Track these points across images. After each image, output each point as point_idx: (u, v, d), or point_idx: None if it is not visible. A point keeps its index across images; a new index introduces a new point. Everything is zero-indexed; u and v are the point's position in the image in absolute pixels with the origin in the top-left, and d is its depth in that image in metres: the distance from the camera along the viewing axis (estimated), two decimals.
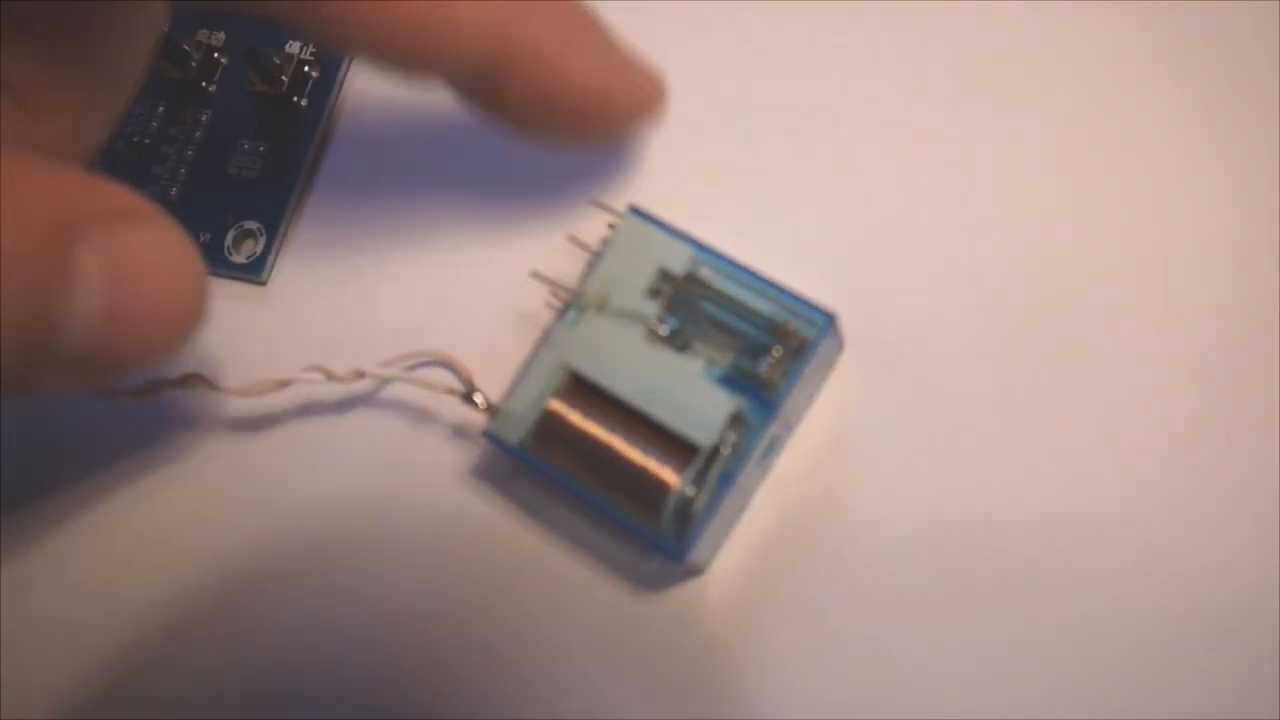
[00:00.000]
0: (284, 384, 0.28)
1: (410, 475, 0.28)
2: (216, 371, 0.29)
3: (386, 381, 0.28)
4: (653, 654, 0.26)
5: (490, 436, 0.26)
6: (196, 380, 0.28)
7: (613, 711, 0.25)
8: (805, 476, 0.26)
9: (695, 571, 0.26)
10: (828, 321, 0.25)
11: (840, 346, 0.26)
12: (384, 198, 0.31)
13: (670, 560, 0.25)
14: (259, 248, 0.31)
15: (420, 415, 0.29)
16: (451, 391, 0.27)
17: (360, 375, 0.28)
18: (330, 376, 0.28)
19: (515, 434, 0.26)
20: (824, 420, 0.26)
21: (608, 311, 0.26)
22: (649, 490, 0.25)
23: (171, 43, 0.32)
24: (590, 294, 0.26)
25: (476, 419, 0.28)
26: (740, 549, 0.26)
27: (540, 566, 0.27)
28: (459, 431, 0.28)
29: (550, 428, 0.26)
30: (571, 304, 0.26)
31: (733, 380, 0.25)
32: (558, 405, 0.26)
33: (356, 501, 0.28)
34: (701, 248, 0.26)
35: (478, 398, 0.27)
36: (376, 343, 0.29)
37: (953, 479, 0.25)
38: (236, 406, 0.29)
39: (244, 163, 0.31)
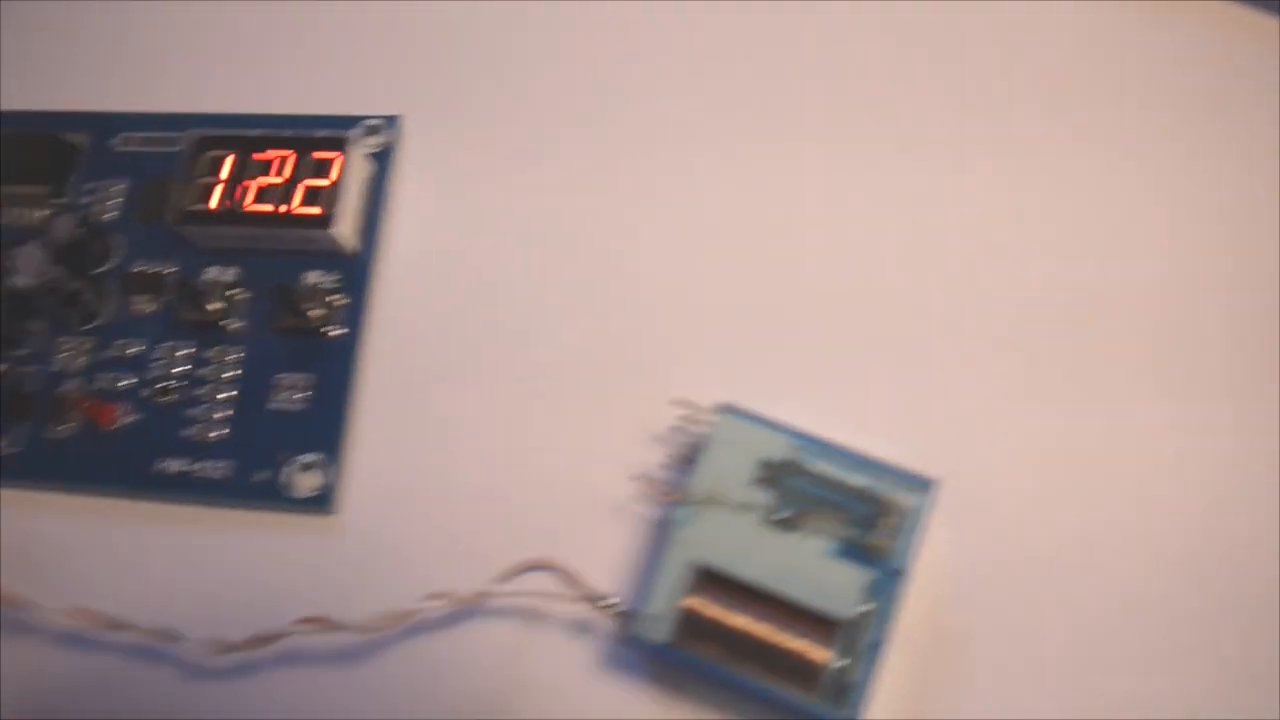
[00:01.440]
0: (409, 615, 0.28)
1: (536, 678, 0.29)
2: (302, 608, 0.29)
3: (486, 600, 0.29)
4: None
5: (636, 640, 0.27)
6: (316, 623, 0.28)
7: None
8: (925, 622, 0.28)
9: None
10: (928, 487, 0.27)
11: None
12: (435, 412, 0.32)
13: None
14: (323, 480, 0.31)
15: (532, 620, 0.29)
16: (587, 598, 0.28)
17: (482, 596, 0.28)
18: (455, 601, 0.28)
19: (660, 633, 0.27)
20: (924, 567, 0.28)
21: (720, 505, 0.28)
22: (801, 669, 0.26)
23: (187, 283, 0.32)
24: (699, 491, 0.28)
25: (592, 617, 0.29)
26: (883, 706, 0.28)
27: None
28: (579, 630, 0.29)
29: (691, 622, 0.27)
30: (685, 502, 0.28)
31: (852, 552, 0.27)
32: (694, 601, 0.27)
33: (490, 711, 0.29)
34: (798, 435, 0.28)
35: (614, 599, 0.28)
36: (460, 558, 0.30)
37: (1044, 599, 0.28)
38: (351, 642, 0.29)
39: (285, 396, 0.32)
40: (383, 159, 0.33)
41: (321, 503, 0.31)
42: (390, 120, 0.34)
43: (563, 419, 0.31)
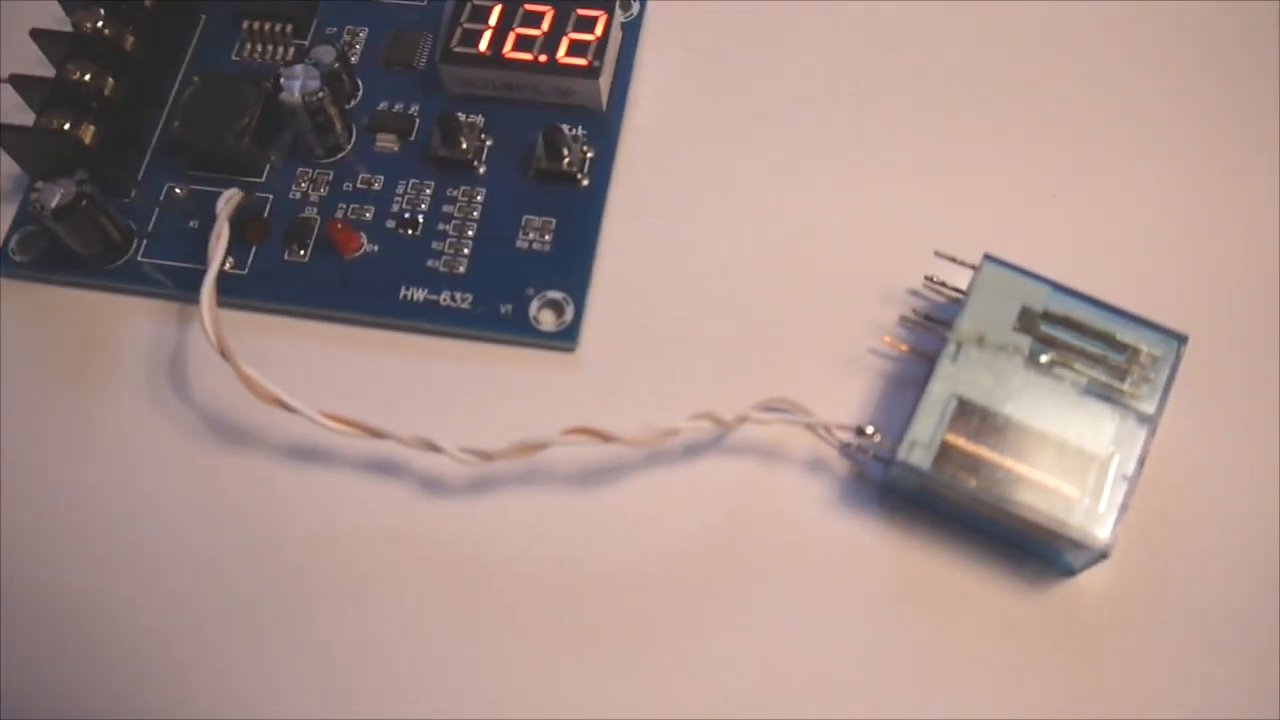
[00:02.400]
0: (674, 433, 0.29)
1: (777, 505, 0.30)
2: (546, 434, 0.30)
3: (742, 425, 0.30)
4: (1036, 651, 0.28)
5: (901, 465, 0.28)
6: (586, 433, 0.29)
7: (1013, 709, 0.28)
8: (1157, 484, 0.30)
9: (1071, 573, 0.29)
10: (1179, 343, 0.29)
11: None
12: (674, 262, 0.33)
13: (1070, 561, 0.28)
14: (568, 316, 0.32)
15: (771, 453, 0.31)
16: (839, 428, 0.29)
17: (743, 420, 0.30)
18: (717, 422, 0.29)
19: (924, 460, 0.28)
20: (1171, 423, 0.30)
21: (985, 347, 0.29)
22: (1054, 502, 0.28)
23: (445, 123, 0.33)
24: (965, 332, 0.29)
25: (828, 453, 0.30)
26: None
27: (924, 583, 0.29)
28: (814, 465, 0.30)
29: (950, 454, 0.28)
30: (951, 340, 0.29)
31: (1105, 397, 0.29)
32: (954, 435, 0.28)
33: (732, 531, 0.30)
34: (1057, 285, 0.30)
35: (869, 429, 0.29)
36: (693, 394, 0.31)
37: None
38: (619, 455, 0.30)
39: (532, 236, 0.33)
40: (631, 28, 0.35)
41: (566, 337, 0.32)
42: None
43: (802, 276, 0.32)
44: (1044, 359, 0.29)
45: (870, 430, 0.29)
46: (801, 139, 0.34)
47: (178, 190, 0.33)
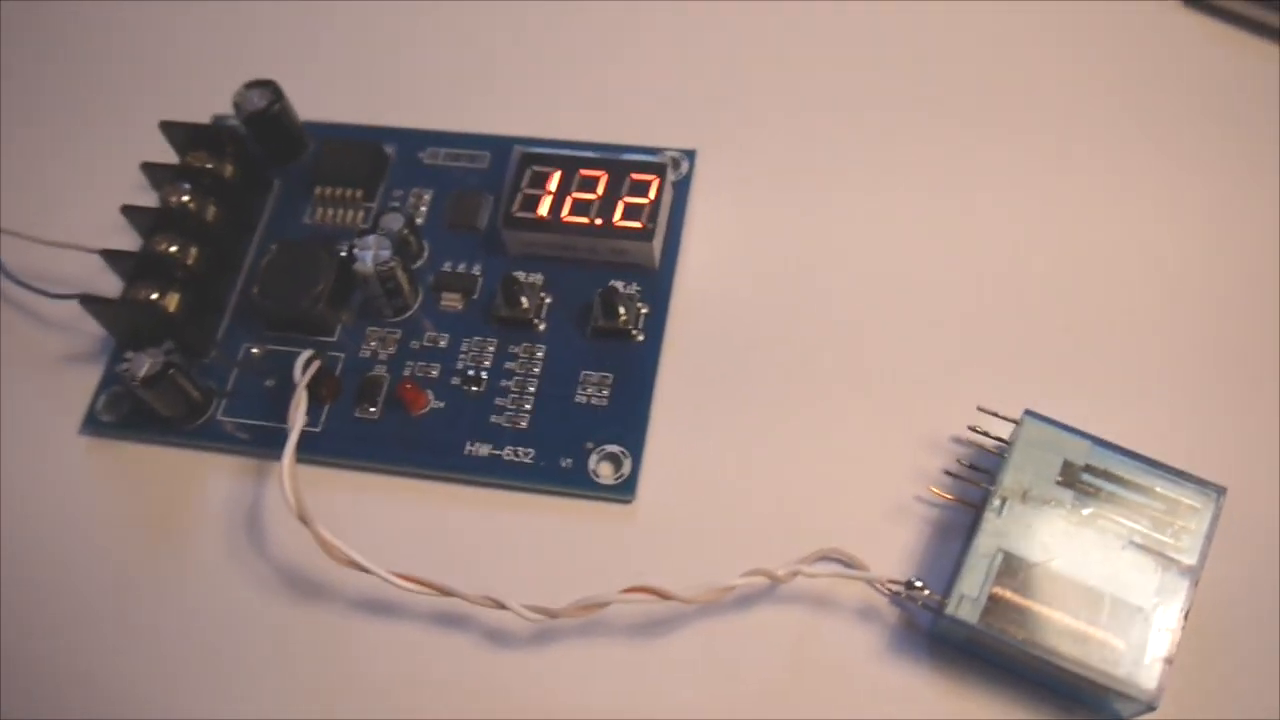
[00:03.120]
0: (729, 590, 0.30)
1: (830, 655, 0.31)
2: (603, 585, 0.31)
3: (784, 581, 0.31)
4: None
5: (950, 619, 0.29)
6: (646, 592, 0.30)
7: None
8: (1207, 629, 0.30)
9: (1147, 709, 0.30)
10: (1218, 494, 0.30)
11: None
12: (726, 414, 0.34)
13: (1121, 711, 0.29)
14: (626, 469, 0.33)
15: (822, 603, 0.32)
16: (890, 582, 0.31)
17: (794, 574, 0.31)
18: (771, 578, 0.31)
19: (973, 615, 0.29)
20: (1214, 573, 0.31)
21: (1028, 501, 0.30)
22: (1101, 654, 0.29)
23: (507, 284, 0.35)
24: (1009, 486, 0.30)
25: (878, 601, 0.31)
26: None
27: None
28: (865, 614, 0.32)
29: (999, 607, 0.29)
30: (996, 495, 0.30)
31: (1147, 548, 0.30)
32: (1001, 588, 0.30)
33: (788, 681, 0.31)
34: (1097, 440, 0.31)
35: (919, 584, 0.30)
36: (746, 544, 0.32)
37: None
38: (677, 611, 0.31)
39: (591, 391, 0.34)
40: (681, 187, 0.37)
41: (624, 490, 0.33)
42: (689, 154, 0.37)
43: (848, 425, 0.34)
44: (1086, 512, 0.30)
45: (919, 584, 0.30)
46: (848, 287, 0.36)
47: (254, 350, 0.35)
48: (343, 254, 0.35)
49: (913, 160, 0.37)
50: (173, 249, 0.35)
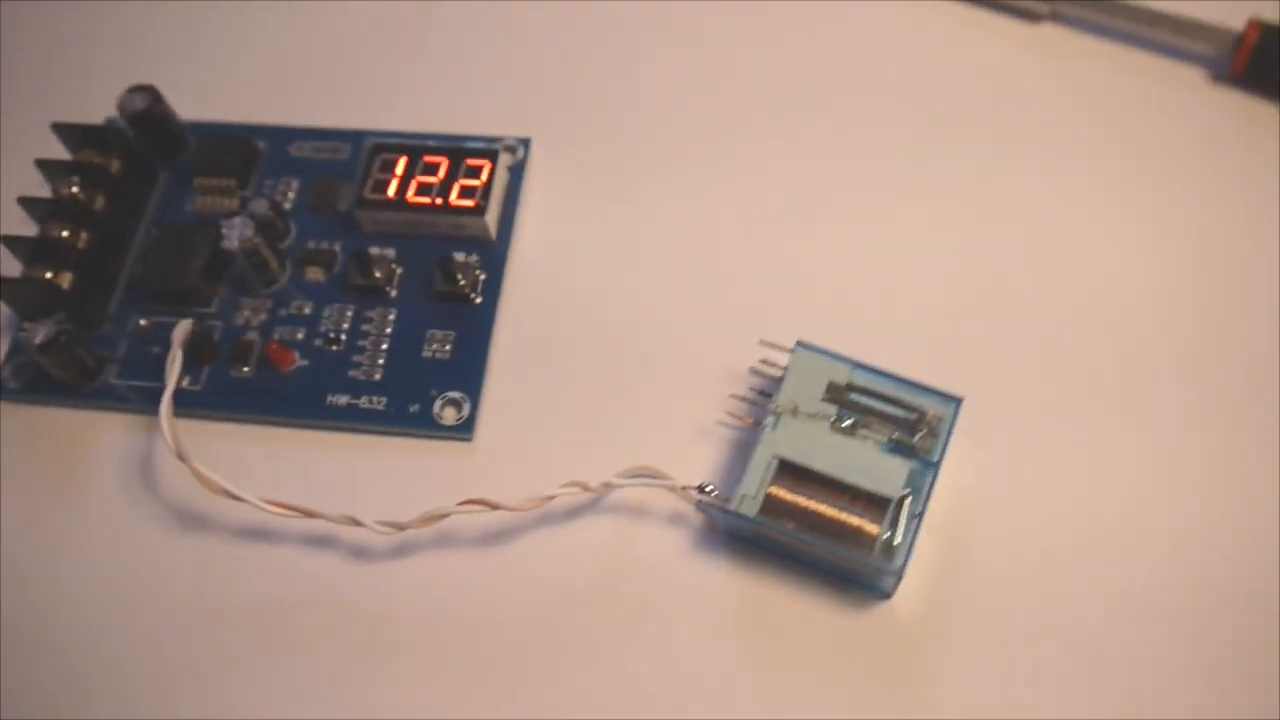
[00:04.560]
0: (549, 498, 0.36)
1: (643, 554, 0.36)
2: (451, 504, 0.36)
3: (610, 490, 0.37)
4: (862, 663, 0.35)
5: (732, 514, 0.35)
6: (478, 504, 0.35)
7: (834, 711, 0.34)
8: (949, 517, 0.36)
9: (887, 596, 0.36)
10: (957, 404, 0.36)
11: None
12: (555, 363, 0.40)
13: (883, 585, 0.35)
14: (465, 412, 0.39)
15: (638, 512, 0.37)
16: (686, 487, 0.36)
17: (608, 486, 0.36)
18: (585, 489, 0.36)
19: (752, 509, 0.35)
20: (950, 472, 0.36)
21: (798, 416, 0.36)
22: (858, 538, 0.34)
23: (359, 258, 0.40)
24: (783, 404, 0.36)
25: (685, 509, 0.37)
26: (912, 579, 0.36)
27: (767, 611, 0.36)
28: (674, 520, 0.37)
29: (773, 503, 0.35)
30: (771, 412, 0.36)
31: (898, 450, 0.36)
32: (776, 488, 0.35)
33: (607, 578, 0.36)
34: (857, 364, 0.37)
35: (709, 488, 0.36)
36: (570, 468, 0.37)
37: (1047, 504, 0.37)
38: (510, 522, 0.37)
39: (435, 347, 0.40)
40: (516, 171, 0.42)
41: (464, 430, 0.38)
42: (524, 141, 0.43)
43: (660, 367, 0.39)
44: (847, 423, 0.36)
45: (710, 488, 0.36)
46: (665, 255, 0.41)
47: (142, 322, 0.40)
48: (214, 234, 0.39)
49: (717, 154, 0.43)
50: (64, 233, 0.40)
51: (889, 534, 0.34)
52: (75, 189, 0.40)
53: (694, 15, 0.46)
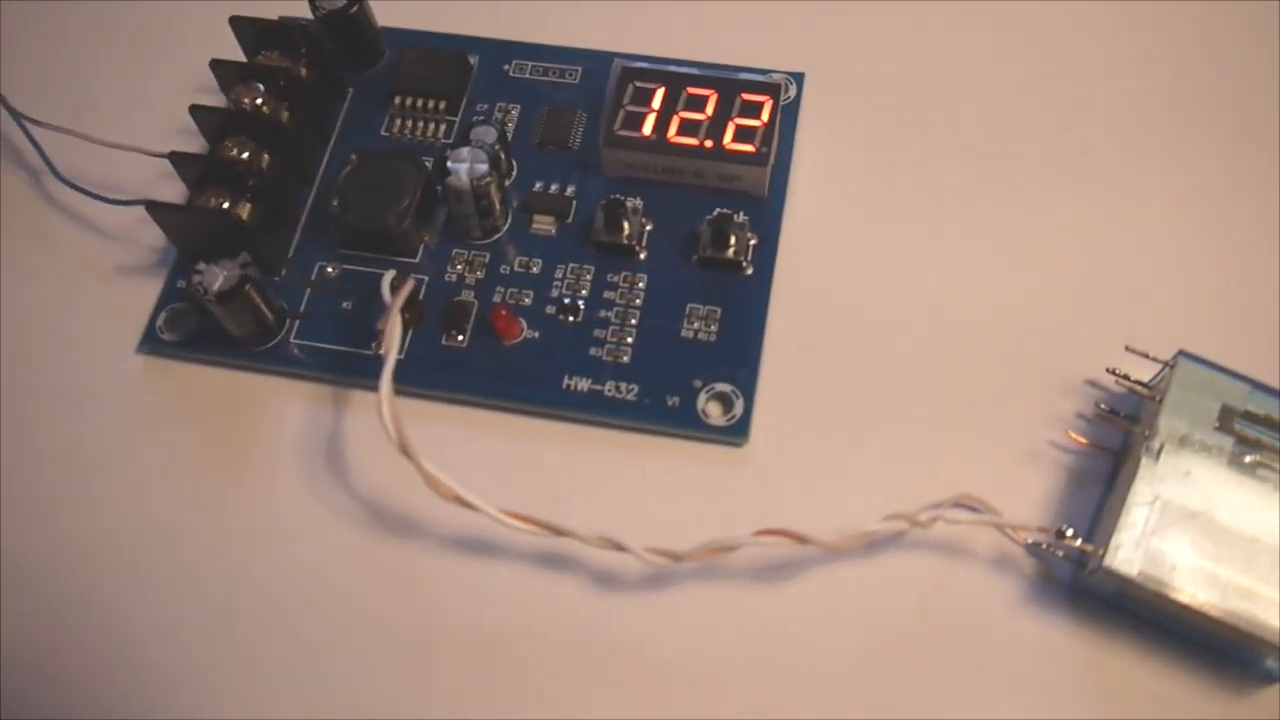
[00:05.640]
0: (868, 535, 0.28)
1: (963, 604, 0.29)
2: (718, 529, 0.29)
3: (925, 527, 0.29)
4: None
5: (1105, 570, 0.27)
6: (779, 535, 0.28)
7: None
8: None
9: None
10: None
11: None
12: (839, 351, 0.32)
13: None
14: (738, 410, 0.31)
15: (954, 550, 0.30)
16: (1042, 530, 0.29)
17: (935, 520, 0.29)
18: (912, 523, 0.28)
19: (1131, 568, 0.27)
20: None
21: (1186, 447, 0.28)
22: (1260, 605, 0.27)
23: (611, 208, 0.32)
24: (1166, 431, 0.29)
25: (1010, 548, 0.29)
26: None
27: (1122, 688, 0.28)
28: (999, 563, 0.30)
29: (1160, 560, 0.28)
30: (1153, 440, 0.28)
31: None
32: (1163, 540, 0.28)
33: (919, 629, 0.29)
34: (1256, 385, 0.29)
35: (1069, 531, 0.28)
36: (868, 488, 0.30)
37: None
38: (799, 556, 0.29)
39: (698, 326, 0.32)
40: (789, 112, 0.34)
41: (736, 432, 0.31)
42: (796, 77, 0.35)
43: (973, 366, 0.32)
44: (1248, 460, 0.28)
45: (1070, 532, 0.28)
46: (971, 217, 0.34)
47: (329, 269, 0.32)
48: (430, 167, 0.32)
49: (1034, 106, 0.35)
50: (244, 155, 0.32)
51: None
52: (259, 100, 0.32)
53: None
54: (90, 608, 0.29)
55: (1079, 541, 0.28)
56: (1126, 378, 0.30)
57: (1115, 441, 0.30)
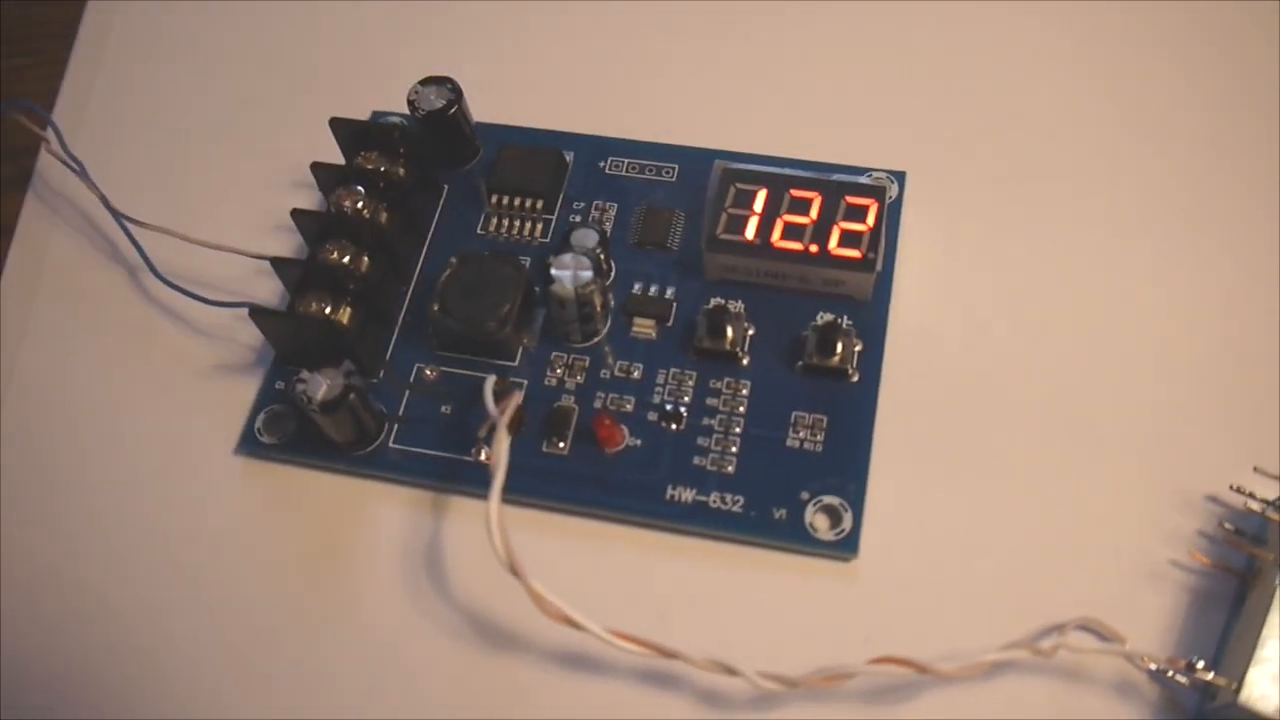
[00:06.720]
0: (988, 664, 0.27)
1: None
2: (828, 650, 0.28)
3: (1048, 655, 0.28)
4: None
5: (1241, 709, 0.26)
6: (897, 664, 0.27)
7: None
8: None
9: None
10: None
11: None
12: (951, 460, 0.31)
13: None
14: (846, 524, 0.30)
15: (1074, 675, 0.29)
16: (1170, 662, 0.28)
17: (1057, 649, 0.28)
18: (1034, 652, 0.28)
19: (1270, 705, 0.26)
20: None
21: None
22: None
23: (714, 314, 0.32)
24: None
25: (1133, 674, 0.28)
26: None
27: None
28: (1122, 689, 0.29)
29: None
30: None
31: None
32: None
33: None
34: None
35: (1200, 663, 0.27)
36: (983, 608, 0.29)
37: None
38: (913, 681, 0.28)
39: (803, 435, 0.31)
40: (891, 212, 0.34)
41: (844, 547, 0.30)
42: (897, 175, 0.34)
43: (1087, 478, 0.31)
44: None
45: (1200, 664, 0.27)
46: (1078, 322, 0.33)
47: (428, 372, 0.32)
48: (530, 271, 0.31)
49: (1141, 189, 0.34)
50: (345, 258, 0.31)
51: None
52: (360, 203, 0.31)
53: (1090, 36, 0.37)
54: (191, 712, 0.29)
55: (1210, 675, 0.27)
56: (1253, 496, 0.29)
57: (1239, 563, 0.29)
